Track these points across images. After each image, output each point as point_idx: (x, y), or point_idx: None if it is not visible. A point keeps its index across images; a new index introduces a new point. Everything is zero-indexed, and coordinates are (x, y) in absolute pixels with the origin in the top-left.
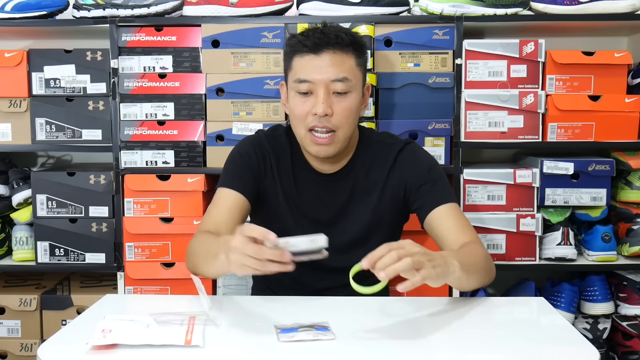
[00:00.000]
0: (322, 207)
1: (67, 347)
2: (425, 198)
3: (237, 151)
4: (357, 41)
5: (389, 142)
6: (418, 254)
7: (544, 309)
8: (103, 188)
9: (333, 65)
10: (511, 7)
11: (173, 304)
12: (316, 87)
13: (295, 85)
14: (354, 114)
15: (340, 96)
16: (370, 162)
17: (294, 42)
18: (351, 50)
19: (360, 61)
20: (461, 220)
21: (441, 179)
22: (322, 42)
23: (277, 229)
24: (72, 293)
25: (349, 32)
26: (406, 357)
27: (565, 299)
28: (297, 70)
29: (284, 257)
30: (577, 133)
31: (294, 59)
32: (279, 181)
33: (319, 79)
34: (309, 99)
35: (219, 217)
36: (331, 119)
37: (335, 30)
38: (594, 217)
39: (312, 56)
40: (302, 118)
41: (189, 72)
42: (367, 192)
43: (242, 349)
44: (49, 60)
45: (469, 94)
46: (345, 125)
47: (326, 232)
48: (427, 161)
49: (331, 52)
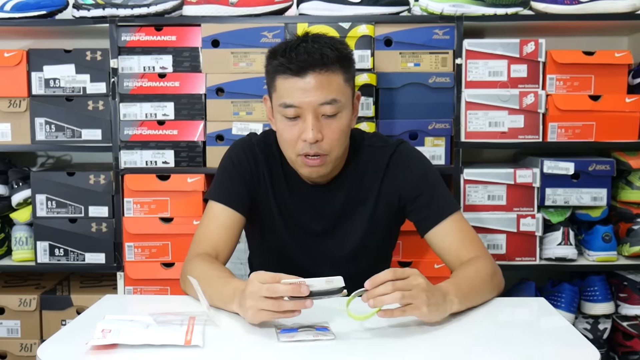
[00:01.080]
0: (316, 218)
1: (66, 347)
2: (423, 212)
3: (228, 158)
4: (343, 55)
5: (380, 145)
6: (417, 287)
7: (544, 309)
8: (103, 188)
9: (320, 87)
10: (511, 7)
11: (173, 304)
12: (303, 112)
13: (282, 110)
14: (345, 134)
15: (329, 118)
16: (362, 169)
17: (276, 63)
18: (338, 67)
19: (348, 76)
20: (463, 233)
21: (437, 186)
22: (306, 64)
23: (271, 240)
24: (71, 293)
25: (334, 46)
26: (406, 357)
27: (565, 299)
28: (282, 93)
29: (301, 291)
30: (577, 133)
31: (277, 79)
32: (272, 191)
33: (306, 102)
34: (297, 124)
35: (215, 237)
36: (322, 144)
37: (319, 46)
38: (594, 217)
39: (296, 79)
40: (292, 143)
41: (188, 72)
42: (362, 200)
43: (242, 349)
44: (49, 60)
45: (469, 93)
46: (336, 147)
47: (322, 242)
48: (420, 166)
49: (317, 73)
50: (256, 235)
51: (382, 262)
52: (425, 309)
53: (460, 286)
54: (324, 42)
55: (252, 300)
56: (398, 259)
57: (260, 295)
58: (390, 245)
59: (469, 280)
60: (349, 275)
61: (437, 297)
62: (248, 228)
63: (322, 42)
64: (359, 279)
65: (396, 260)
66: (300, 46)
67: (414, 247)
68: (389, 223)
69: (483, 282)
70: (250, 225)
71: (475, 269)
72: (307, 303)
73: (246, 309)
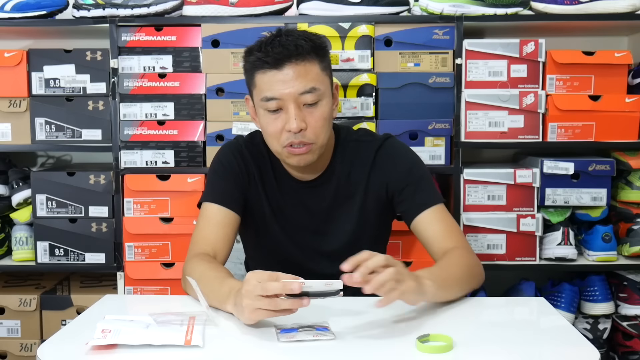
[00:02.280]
0: (307, 215)
1: (66, 347)
2: (408, 202)
3: (218, 161)
4: (317, 45)
5: (366, 140)
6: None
7: (544, 309)
8: (103, 188)
9: (298, 77)
10: (511, 7)
11: (173, 304)
12: (285, 103)
13: (263, 104)
14: (327, 121)
15: (311, 107)
16: (349, 164)
17: (252, 59)
18: (314, 57)
19: (324, 65)
20: (445, 224)
21: (423, 179)
22: (282, 55)
23: (265, 240)
24: (72, 293)
25: (308, 37)
26: (406, 357)
27: (565, 299)
28: (262, 88)
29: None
30: (577, 133)
31: (255, 75)
32: (263, 190)
33: (286, 93)
34: (280, 116)
35: (212, 236)
36: (306, 133)
37: (293, 38)
38: (594, 217)
39: (274, 72)
40: (277, 136)
41: (188, 72)
42: (350, 195)
43: (242, 349)
44: (49, 60)
45: (469, 93)
46: (321, 134)
47: (314, 239)
48: (407, 159)
49: (293, 63)
50: (250, 236)
51: None
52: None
53: (434, 272)
54: (297, 34)
55: (248, 299)
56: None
57: (256, 294)
58: (383, 240)
59: (444, 267)
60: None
61: (412, 278)
62: (242, 229)
63: (296, 35)
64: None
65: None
66: (275, 40)
67: (414, 247)
68: (379, 216)
69: (461, 272)
70: (244, 226)
71: (454, 259)
72: (304, 302)
73: (242, 308)
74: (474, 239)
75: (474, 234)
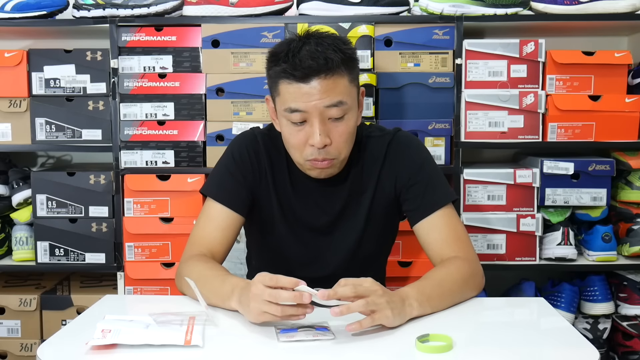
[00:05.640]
0: (318, 214)
1: (67, 347)
2: (415, 203)
3: (230, 154)
4: (348, 57)
5: (377, 134)
6: (375, 294)
7: (544, 310)
8: (103, 188)
9: (326, 91)
10: (511, 7)
11: (173, 304)
12: (310, 116)
13: (287, 115)
14: (352, 135)
15: (336, 121)
16: (362, 161)
17: (279, 70)
18: (343, 70)
19: (353, 76)
20: (450, 230)
21: (433, 177)
22: (311, 70)
23: (271, 237)
24: (72, 293)
25: (339, 48)
26: (406, 357)
27: (565, 299)
28: (286, 98)
29: (303, 299)
30: (577, 133)
31: (280, 83)
32: (274, 186)
33: (312, 106)
34: (304, 128)
35: (211, 237)
36: (330, 149)
37: (323, 49)
38: (594, 217)
39: (301, 84)
40: (299, 148)
41: (189, 72)
42: (362, 191)
43: (242, 349)
44: (49, 60)
45: (469, 94)
46: (344, 150)
47: (324, 239)
48: (418, 155)
49: (322, 78)
50: (255, 232)
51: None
52: (389, 312)
53: (424, 289)
54: (327, 43)
55: (255, 303)
56: (398, 259)
57: (264, 299)
58: (389, 240)
59: (436, 282)
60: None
61: (396, 301)
62: (247, 225)
63: (326, 45)
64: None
65: (396, 261)
66: (303, 50)
67: (414, 247)
68: (387, 213)
69: (453, 285)
70: (249, 222)
71: (447, 270)
72: (308, 309)
73: (249, 309)
74: (474, 239)
75: (474, 234)
